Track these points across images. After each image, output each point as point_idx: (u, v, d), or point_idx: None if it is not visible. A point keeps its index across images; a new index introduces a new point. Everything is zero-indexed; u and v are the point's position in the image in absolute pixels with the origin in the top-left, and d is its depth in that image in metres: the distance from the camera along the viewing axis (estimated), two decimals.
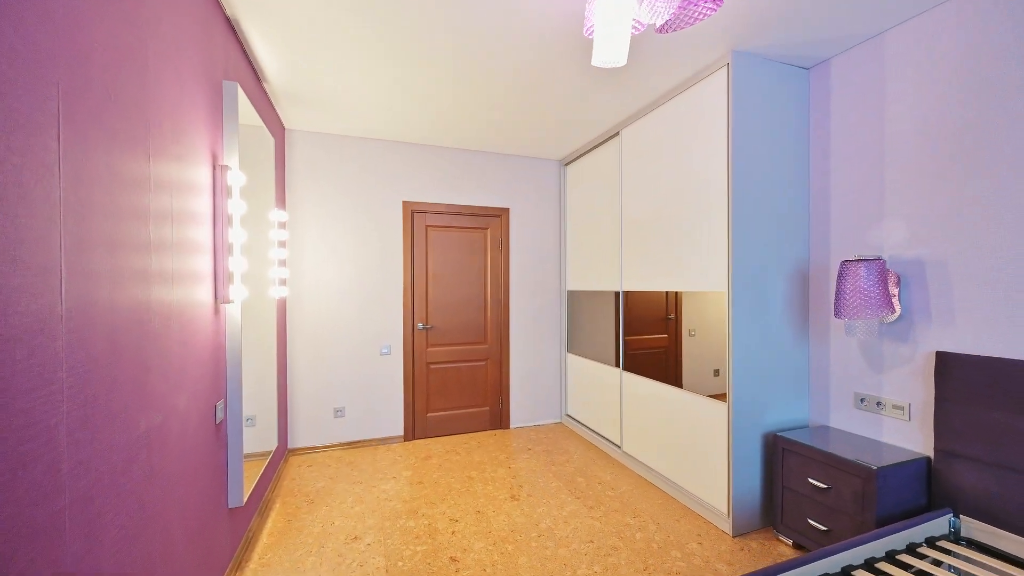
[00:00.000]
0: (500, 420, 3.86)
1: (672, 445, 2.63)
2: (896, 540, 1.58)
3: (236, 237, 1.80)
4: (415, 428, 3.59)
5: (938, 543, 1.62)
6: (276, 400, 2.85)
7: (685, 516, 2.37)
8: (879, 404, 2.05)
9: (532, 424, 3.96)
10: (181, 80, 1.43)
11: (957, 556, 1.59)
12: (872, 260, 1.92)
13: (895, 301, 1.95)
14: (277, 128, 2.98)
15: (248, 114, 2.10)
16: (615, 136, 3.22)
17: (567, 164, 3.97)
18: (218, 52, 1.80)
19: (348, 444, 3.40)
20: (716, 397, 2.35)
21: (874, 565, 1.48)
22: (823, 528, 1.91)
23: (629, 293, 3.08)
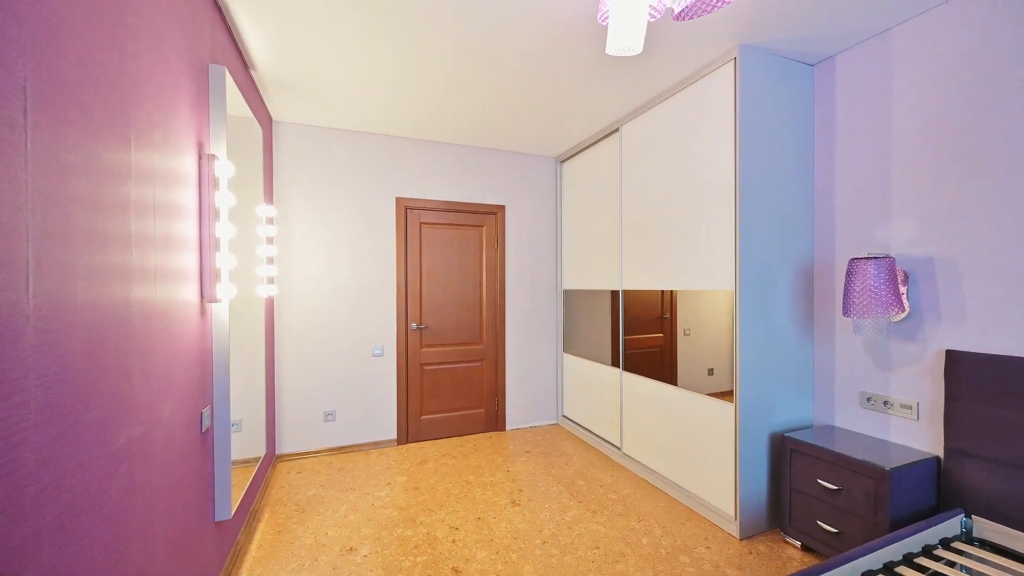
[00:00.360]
0: (496, 422, 3.78)
1: (674, 446, 2.58)
2: (912, 543, 1.55)
3: (224, 232, 1.69)
4: (409, 431, 3.49)
5: (952, 544, 1.60)
6: (264, 404, 2.72)
7: (690, 519, 2.32)
8: (886, 403, 2.03)
9: (528, 426, 3.88)
10: (164, 61, 1.31)
11: (970, 557, 1.57)
12: (881, 258, 1.90)
13: (904, 299, 1.93)
14: (265, 120, 2.85)
15: (235, 103, 1.98)
16: (614, 132, 3.17)
17: (563, 161, 3.91)
18: (204, 35, 1.68)
19: (339, 449, 3.28)
20: (715, 396, 2.32)
21: (893, 570, 1.45)
22: (833, 530, 1.88)
23: (626, 292, 3.03)
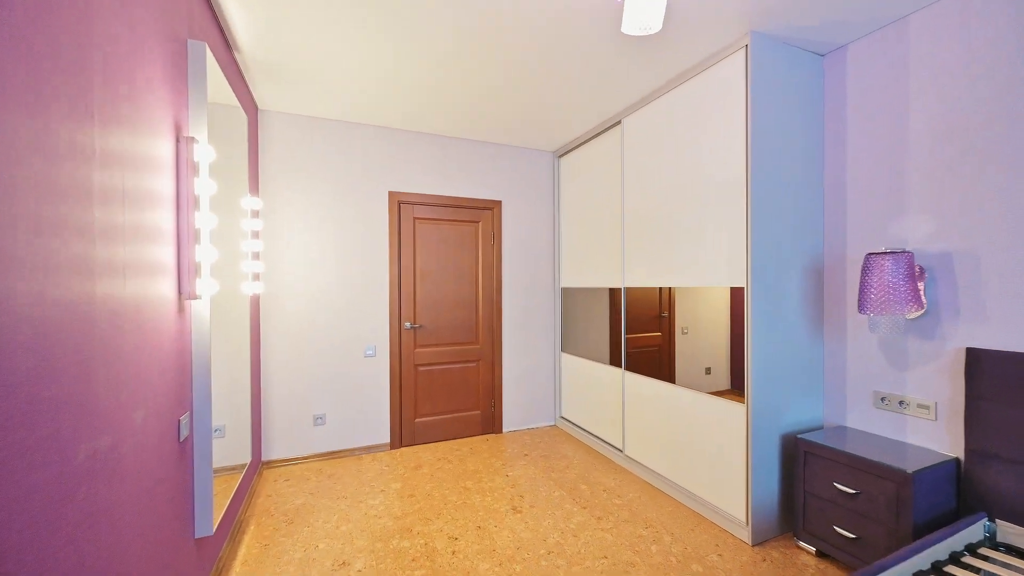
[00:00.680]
0: (492, 424, 3.66)
1: (680, 449, 2.50)
2: (939, 550, 1.48)
3: (204, 222, 1.55)
4: (403, 435, 3.35)
5: (978, 551, 1.53)
6: (249, 408, 2.57)
7: (699, 525, 2.24)
8: (902, 403, 1.97)
9: (526, 427, 3.78)
10: (135, 31, 1.17)
11: (994, 562, 1.50)
12: (899, 253, 1.83)
13: (922, 296, 1.87)
14: (250, 107, 2.69)
15: (218, 88, 1.83)
16: (616, 126, 3.08)
17: (561, 156, 3.81)
18: (182, 7, 1.54)
19: (329, 454, 3.13)
20: (715, 394, 2.26)
21: None
22: (851, 535, 1.81)
23: (626, 290, 2.94)
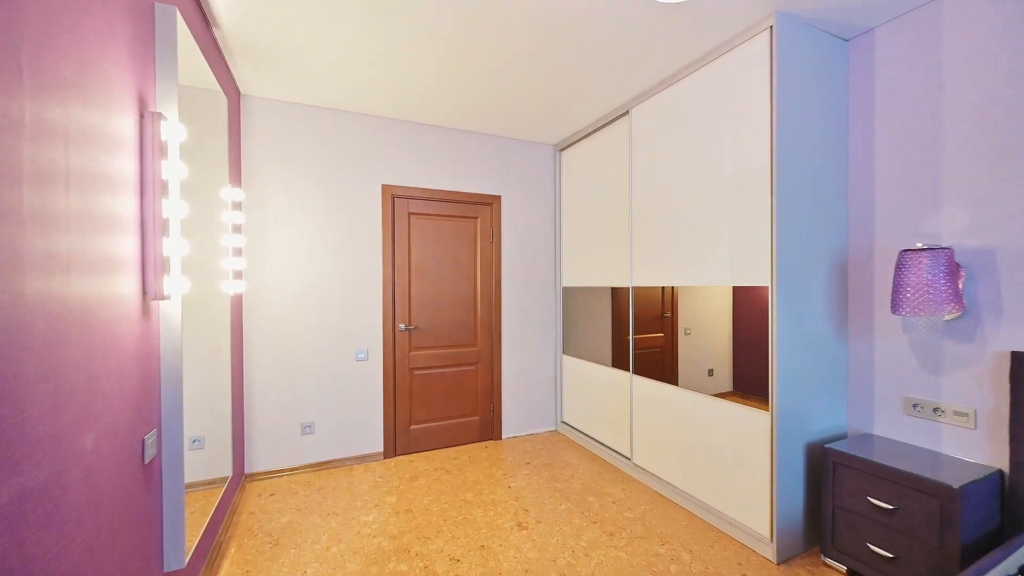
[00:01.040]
0: (491, 430, 3.49)
1: (695, 458, 2.35)
2: (995, 574, 1.35)
3: (174, 211, 1.35)
4: (397, 443, 3.17)
5: None
6: (230, 416, 2.36)
7: (718, 541, 2.09)
8: (936, 410, 1.85)
9: (526, 433, 3.61)
10: None
11: None
12: (938, 249, 1.70)
13: (961, 295, 1.74)
14: (232, 91, 2.48)
15: (195, 67, 1.63)
16: (623, 116, 2.92)
17: (562, 149, 3.65)
18: None
19: (319, 465, 2.93)
20: (738, 401, 2.12)
21: None
22: (888, 555, 1.68)
23: (623, 290, 2.80)
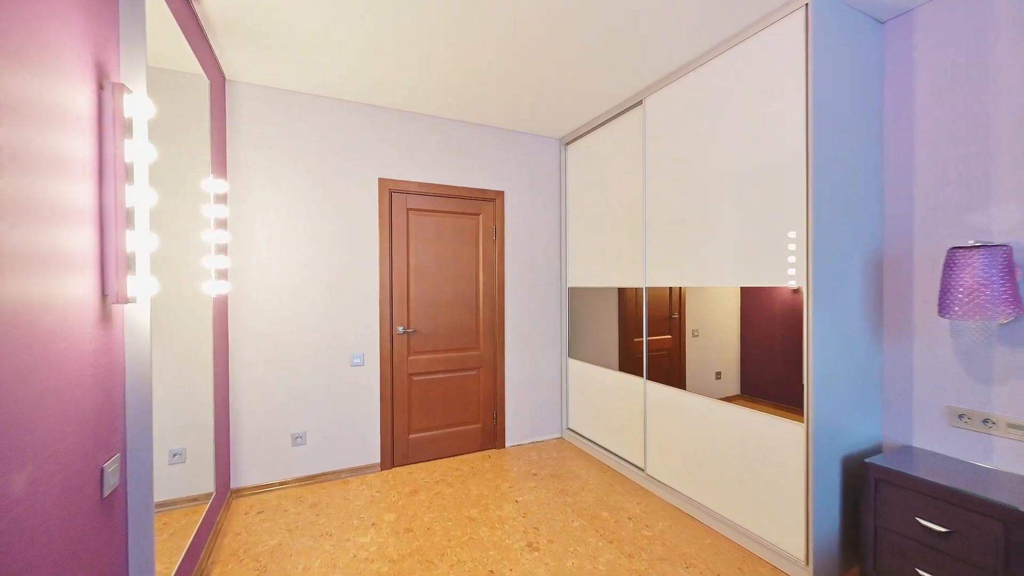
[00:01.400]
0: (494, 438, 3.31)
1: (718, 472, 2.19)
2: None
3: (141, 200, 1.16)
4: (395, 454, 2.98)
5: None
6: (213, 428, 2.17)
7: (746, 562, 1.93)
8: (987, 422, 1.70)
9: (530, 441, 3.44)
10: None
11: None
12: (994, 247, 1.55)
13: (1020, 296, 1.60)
14: (216, 75, 2.28)
15: (172, 45, 1.44)
16: (636, 106, 2.76)
17: (568, 143, 3.48)
18: None
19: (311, 478, 2.74)
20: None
21: None
22: None
23: (637, 291, 2.64)
